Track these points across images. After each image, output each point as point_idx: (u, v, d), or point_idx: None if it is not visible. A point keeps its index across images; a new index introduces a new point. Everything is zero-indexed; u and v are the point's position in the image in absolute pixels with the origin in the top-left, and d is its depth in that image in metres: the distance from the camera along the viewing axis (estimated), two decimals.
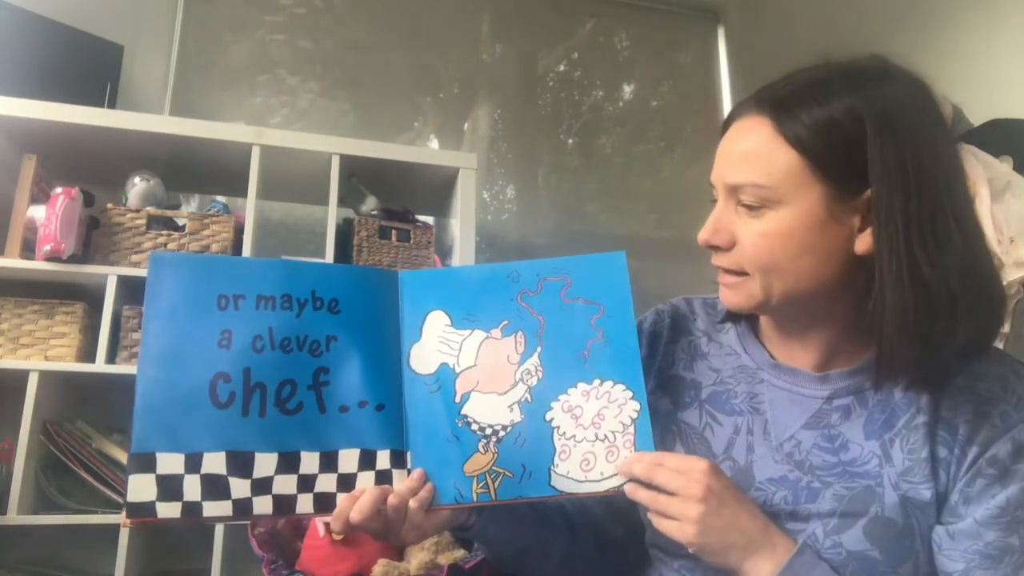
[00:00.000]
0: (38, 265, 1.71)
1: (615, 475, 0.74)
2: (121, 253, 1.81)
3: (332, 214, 1.94)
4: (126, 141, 1.88)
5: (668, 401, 0.87)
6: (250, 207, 1.89)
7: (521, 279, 0.81)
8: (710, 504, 0.69)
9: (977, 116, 1.86)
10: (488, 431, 0.76)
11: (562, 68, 3.02)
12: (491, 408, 0.77)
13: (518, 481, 0.75)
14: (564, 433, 0.76)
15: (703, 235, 0.76)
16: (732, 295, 0.77)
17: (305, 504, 0.71)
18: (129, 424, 1.93)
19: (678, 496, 0.70)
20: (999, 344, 1.40)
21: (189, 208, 2.15)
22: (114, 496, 1.69)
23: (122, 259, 1.80)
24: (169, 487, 0.67)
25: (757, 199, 0.71)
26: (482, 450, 0.76)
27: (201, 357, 0.71)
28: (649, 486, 0.73)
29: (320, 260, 1.94)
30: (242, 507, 0.68)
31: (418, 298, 0.81)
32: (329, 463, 0.72)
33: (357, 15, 2.71)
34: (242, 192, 1.90)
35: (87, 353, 1.76)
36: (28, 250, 1.75)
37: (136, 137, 1.87)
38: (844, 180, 0.69)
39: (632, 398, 0.77)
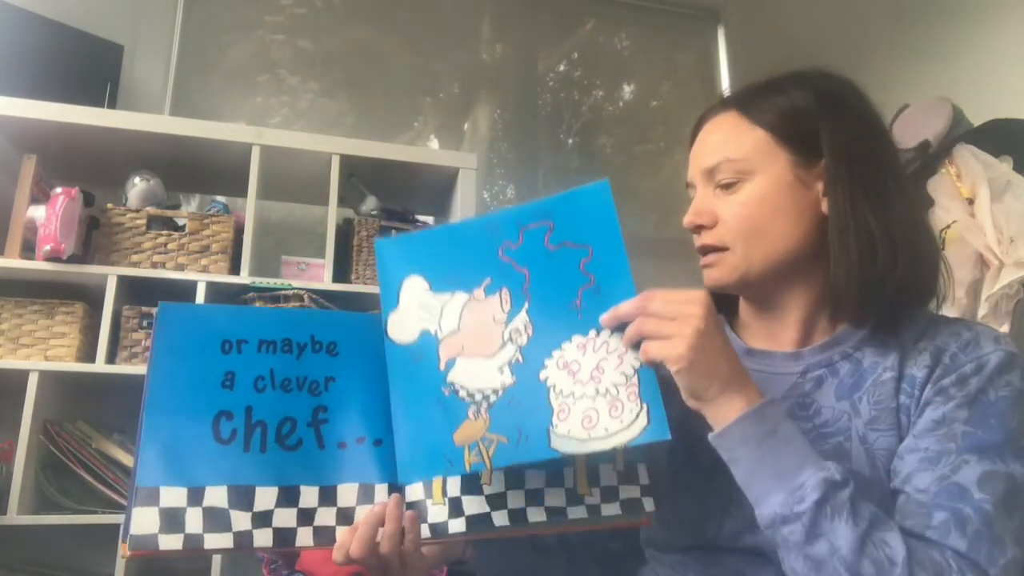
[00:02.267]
0: (38, 265, 1.71)
1: (621, 431, 0.68)
2: (121, 253, 1.81)
3: (332, 214, 1.94)
4: (126, 141, 1.88)
5: None
6: (250, 207, 1.89)
7: (500, 231, 0.76)
8: (708, 325, 0.68)
9: (977, 116, 1.86)
10: (478, 397, 0.72)
11: (562, 68, 3.02)
12: (479, 373, 0.73)
13: (514, 446, 0.69)
14: (561, 391, 0.70)
15: (688, 218, 0.83)
16: (716, 272, 0.82)
17: (305, 537, 0.71)
18: (129, 424, 1.93)
19: (675, 320, 0.69)
20: None
21: (189, 208, 2.15)
22: (114, 496, 1.69)
23: (122, 259, 1.80)
24: (172, 519, 0.68)
25: (732, 173, 0.80)
26: (472, 417, 0.72)
27: (205, 396, 0.73)
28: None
29: (320, 260, 1.95)
30: (243, 539, 0.69)
31: (394, 265, 0.78)
32: (328, 497, 0.73)
33: (357, 15, 2.71)
34: (242, 192, 1.90)
35: (87, 353, 1.76)
36: (28, 250, 1.75)
37: (136, 137, 1.87)
38: (804, 150, 0.80)
39: (633, 345, 0.71)
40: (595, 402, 0.69)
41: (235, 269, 1.87)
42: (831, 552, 0.65)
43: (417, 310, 0.76)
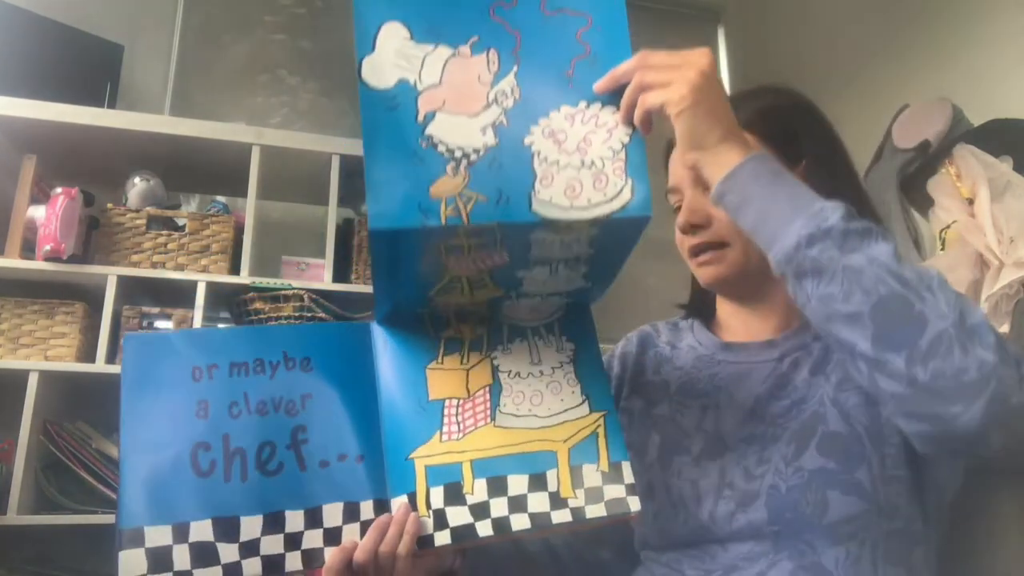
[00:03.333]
0: (38, 265, 1.71)
1: (603, 203, 0.66)
2: (121, 253, 1.81)
3: (332, 214, 1.94)
4: (126, 141, 1.88)
5: (641, 401, 0.91)
6: (250, 207, 1.89)
7: None
8: (710, 71, 0.68)
9: (977, 116, 1.86)
10: (457, 153, 0.67)
11: None
12: (460, 130, 0.68)
13: (494, 205, 0.66)
14: (546, 158, 0.68)
15: (682, 219, 0.84)
16: (714, 269, 0.84)
17: (294, 561, 0.70)
18: None
19: (677, 68, 0.68)
20: None
21: (189, 208, 2.15)
22: (114, 496, 1.69)
23: (122, 259, 1.80)
24: (159, 559, 0.67)
25: None
26: (451, 173, 0.67)
27: (180, 430, 0.72)
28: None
29: (320, 260, 1.94)
30: (231, 571, 0.68)
31: (371, 7, 0.71)
32: (314, 519, 0.72)
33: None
34: (242, 192, 1.91)
35: (87, 353, 1.76)
36: (28, 250, 1.75)
37: (136, 137, 1.87)
38: (787, 151, 0.82)
39: (624, 122, 0.70)
40: (580, 173, 0.68)
41: (235, 269, 1.87)
42: (870, 260, 0.63)
43: (395, 57, 0.69)
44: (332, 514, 0.72)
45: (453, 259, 0.71)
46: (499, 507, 0.72)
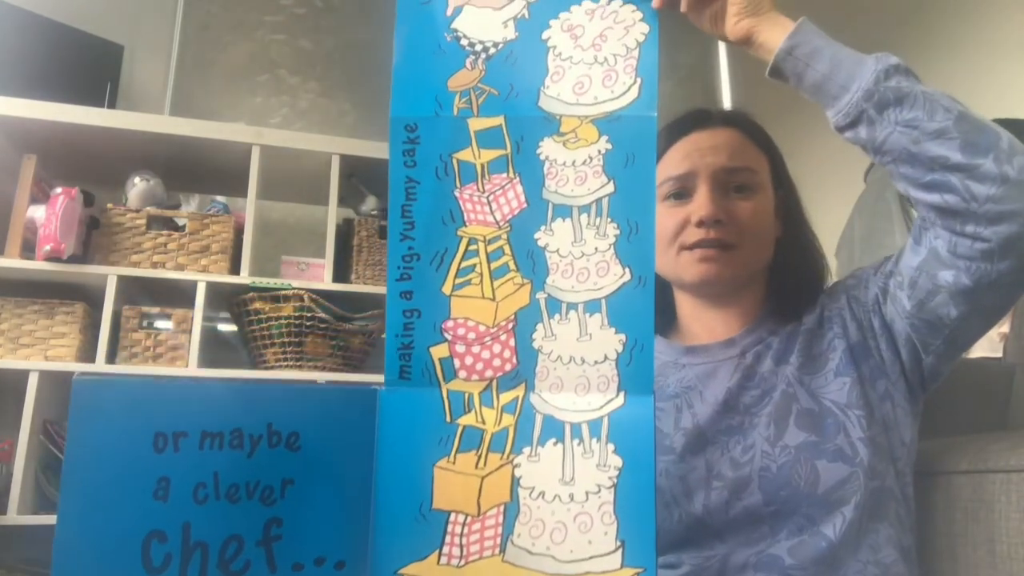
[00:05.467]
0: (38, 265, 1.71)
1: (609, 100, 0.69)
2: (121, 253, 1.81)
3: (332, 214, 1.94)
4: (126, 141, 1.88)
5: None
6: (250, 207, 1.89)
7: None
8: None
9: None
10: (478, 47, 0.71)
11: None
12: (484, 22, 0.72)
13: (503, 99, 0.70)
14: (560, 54, 0.70)
15: (709, 210, 0.85)
16: (719, 267, 0.86)
17: None
18: None
19: None
20: (1000, 344, 1.42)
21: (189, 208, 2.15)
22: None
23: (122, 259, 1.80)
24: None
25: (751, 182, 0.88)
26: (469, 66, 0.71)
27: (132, 511, 0.60)
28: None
29: (320, 260, 1.94)
30: None
31: None
32: None
33: (357, 15, 2.71)
34: (242, 192, 1.91)
35: (87, 353, 1.76)
36: (28, 250, 1.75)
37: (136, 137, 1.87)
38: (776, 183, 0.92)
39: (642, 19, 0.71)
40: (591, 69, 0.69)
41: (235, 269, 1.87)
42: (942, 94, 0.71)
43: None
44: None
45: (468, 195, 0.70)
46: None
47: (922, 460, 0.88)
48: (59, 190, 1.73)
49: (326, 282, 1.91)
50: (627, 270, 0.66)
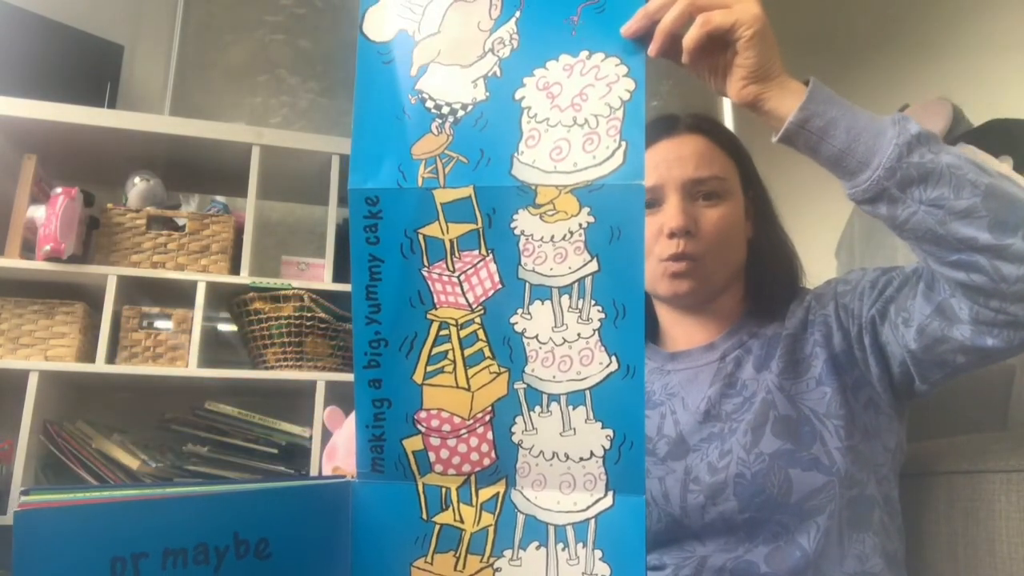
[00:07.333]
0: (38, 265, 1.71)
1: (591, 167, 0.61)
2: (121, 253, 1.81)
3: (332, 214, 1.94)
4: (126, 141, 1.88)
5: None
6: (250, 207, 1.89)
7: None
8: (764, 19, 0.65)
9: (977, 116, 1.86)
10: (445, 110, 0.65)
11: None
12: (452, 82, 0.65)
13: (473, 168, 0.63)
14: (535, 115, 0.63)
15: (679, 222, 0.85)
16: (688, 282, 0.87)
17: None
18: (129, 424, 1.92)
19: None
20: None
21: (189, 208, 2.15)
22: None
23: (122, 259, 1.80)
24: None
25: (719, 189, 0.88)
26: (435, 131, 0.64)
27: None
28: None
29: (320, 260, 1.94)
30: None
31: None
32: None
33: (357, 15, 2.71)
34: (242, 192, 1.91)
35: (87, 353, 1.76)
36: (28, 250, 1.75)
37: (136, 137, 1.87)
38: (745, 186, 0.92)
39: (627, 75, 0.63)
40: (570, 132, 0.62)
41: (235, 269, 1.87)
42: (957, 156, 0.66)
43: (398, 7, 0.68)
44: None
45: (436, 274, 0.64)
46: None
47: (922, 460, 0.88)
48: (59, 190, 1.73)
49: (326, 282, 1.91)
50: (613, 359, 0.60)
